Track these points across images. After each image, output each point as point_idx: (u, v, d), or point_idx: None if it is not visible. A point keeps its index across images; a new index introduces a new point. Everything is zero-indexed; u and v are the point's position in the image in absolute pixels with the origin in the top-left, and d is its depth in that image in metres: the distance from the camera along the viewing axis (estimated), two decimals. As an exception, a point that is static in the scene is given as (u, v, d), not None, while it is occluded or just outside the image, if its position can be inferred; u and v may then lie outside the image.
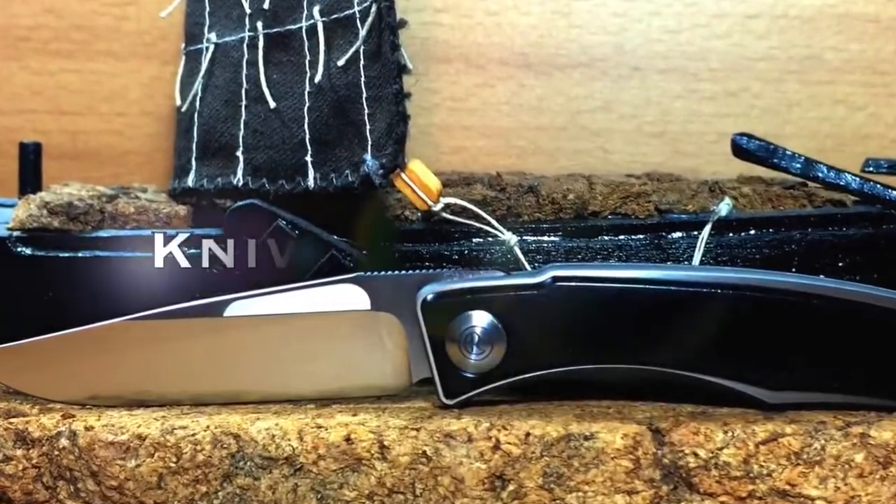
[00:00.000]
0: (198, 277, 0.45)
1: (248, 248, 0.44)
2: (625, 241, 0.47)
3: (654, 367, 0.40)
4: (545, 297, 0.40)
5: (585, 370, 0.41)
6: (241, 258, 0.44)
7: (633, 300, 0.40)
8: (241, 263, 0.43)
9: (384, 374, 0.42)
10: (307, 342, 0.42)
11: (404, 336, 0.42)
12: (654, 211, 0.49)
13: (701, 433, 0.38)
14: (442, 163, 0.58)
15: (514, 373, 0.41)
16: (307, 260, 0.45)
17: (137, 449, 0.39)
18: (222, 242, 0.46)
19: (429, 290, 0.41)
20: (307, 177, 0.47)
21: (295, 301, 0.42)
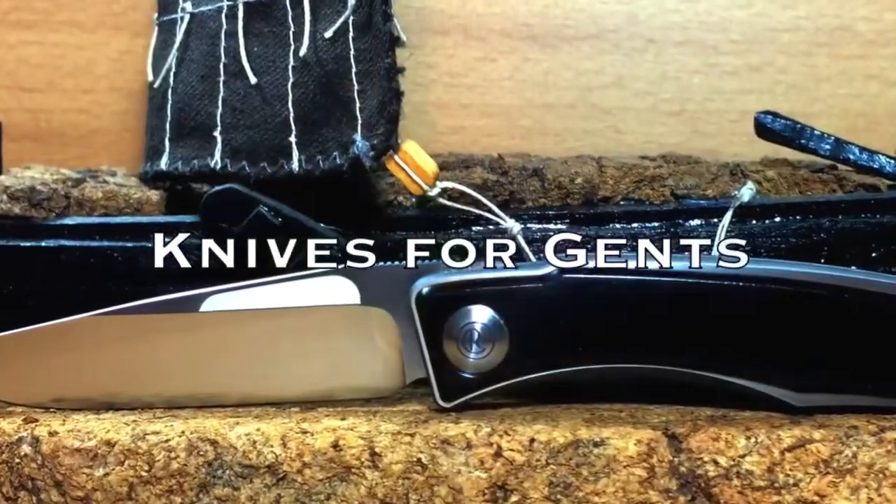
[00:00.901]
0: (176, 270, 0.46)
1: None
2: (638, 229, 0.47)
3: (670, 366, 0.40)
4: (551, 291, 0.40)
5: (595, 370, 0.41)
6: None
7: (647, 294, 0.40)
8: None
9: (375, 375, 0.42)
10: (291, 339, 0.42)
11: (397, 333, 0.42)
12: (670, 196, 0.49)
13: (721, 439, 0.38)
14: (439, 144, 0.58)
15: (517, 373, 0.41)
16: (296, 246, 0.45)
17: (106, 456, 0.39)
18: (201, 232, 0.46)
19: (424, 283, 0.41)
20: (291, 159, 0.47)
21: (278, 295, 0.42)
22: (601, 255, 0.41)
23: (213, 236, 0.46)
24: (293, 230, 0.45)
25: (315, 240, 0.45)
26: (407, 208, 0.49)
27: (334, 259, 0.45)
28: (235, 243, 0.45)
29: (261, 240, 0.45)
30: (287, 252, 0.45)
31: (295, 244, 0.45)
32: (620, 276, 0.40)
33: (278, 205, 0.46)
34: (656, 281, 0.40)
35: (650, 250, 0.40)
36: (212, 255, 0.45)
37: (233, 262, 0.44)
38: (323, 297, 0.42)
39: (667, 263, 0.40)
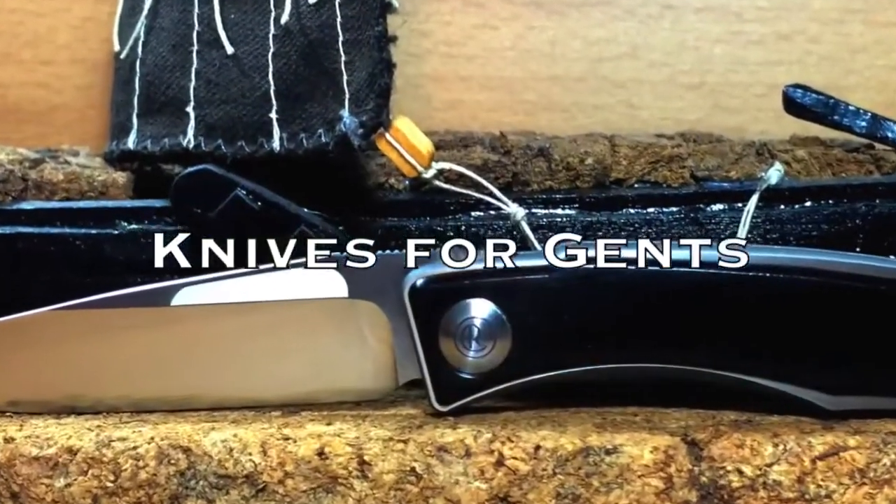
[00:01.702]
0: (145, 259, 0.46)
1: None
2: (654, 214, 0.47)
3: (689, 366, 0.40)
4: (559, 283, 0.40)
5: (607, 370, 0.40)
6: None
7: (665, 286, 0.40)
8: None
9: (364, 375, 0.42)
10: (272, 336, 0.42)
11: (389, 329, 0.42)
12: (689, 178, 0.49)
13: (746, 446, 0.38)
14: (435, 120, 0.58)
15: (521, 373, 0.41)
16: (271, 237, 0.45)
17: (67, 465, 0.39)
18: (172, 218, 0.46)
19: (418, 274, 0.41)
20: (272, 137, 0.47)
21: (257, 287, 0.42)
22: (613, 244, 0.41)
23: (185, 222, 0.46)
24: (274, 216, 0.46)
25: (298, 226, 0.45)
26: (399, 192, 0.49)
27: (320, 248, 0.44)
28: (210, 230, 0.45)
29: (238, 226, 0.45)
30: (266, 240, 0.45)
31: (275, 231, 0.45)
32: (634, 267, 0.40)
33: (258, 188, 0.46)
34: (675, 272, 0.40)
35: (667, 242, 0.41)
36: (183, 243, 0.45)
37: (207, 250, 0.45)
38: (307, 290, 0.42)
39: (686, 253, 0.40)
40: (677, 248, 0.40)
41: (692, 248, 0.40)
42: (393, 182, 0.49)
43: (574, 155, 0.49)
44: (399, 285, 0.41)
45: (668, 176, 0.49)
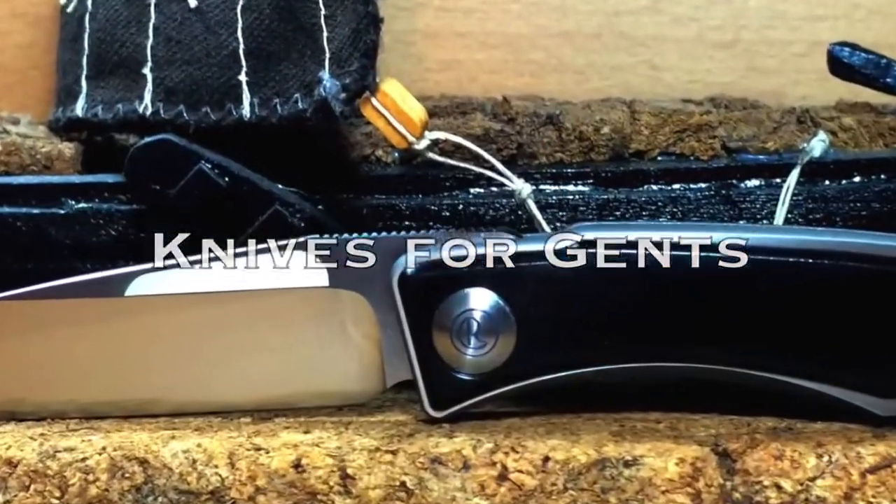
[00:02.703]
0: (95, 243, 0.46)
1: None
2: (680, 191, 0.48)
3: (721, 366, 0.40)
4: (571, 270, 0.40)
5: (627, 370, 0.40)
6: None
7: (692, 274, 0.40)
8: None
9: (347, 376, 0.42)
10: (241, 332, 0.42)
11: (375, 323, 0.42)
12: (720, 150, 0.49)
13: (786, 457, 0.38)
14: (428, 83, 0.58)
15: (527, 373, 0.41)
16: (241, 217, 0.45)
17: (6, 479, 0.39)
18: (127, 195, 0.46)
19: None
20: (241, 103, 0.47)
21: (224, 275, 0.42)
22: (633, 226, 0.41)
23: (141, 200, 0.46)
24: (243, 193, 0.46)
25: (272, 205, 0.45)
26: (388, 165, 0.49)
27: (296, 230, 0.45)
28: (170, 209, 0.45)
29: (202, 205, 0.45)
30: (236, 221, 0.45)
31: (246, 210, 0.45)
32: (658, 252, 0.40)
33: (225, 161, 0.46)
34: (704, 258, 0.40)
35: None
36: (138, 223, 0.45)
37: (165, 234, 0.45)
38: (281, 278, 0.42)
39: (718, 235, 0.40)
40: (707, 229, 0.40)
41: (724, 231, 0.40)
42: (380, 154, 0.49)
43: (588, 123, 0.49)
44: (387, 273, 0.41)
45: (696, 147, 0.49)
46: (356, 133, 0.49)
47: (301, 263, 0.42)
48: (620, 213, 0.47)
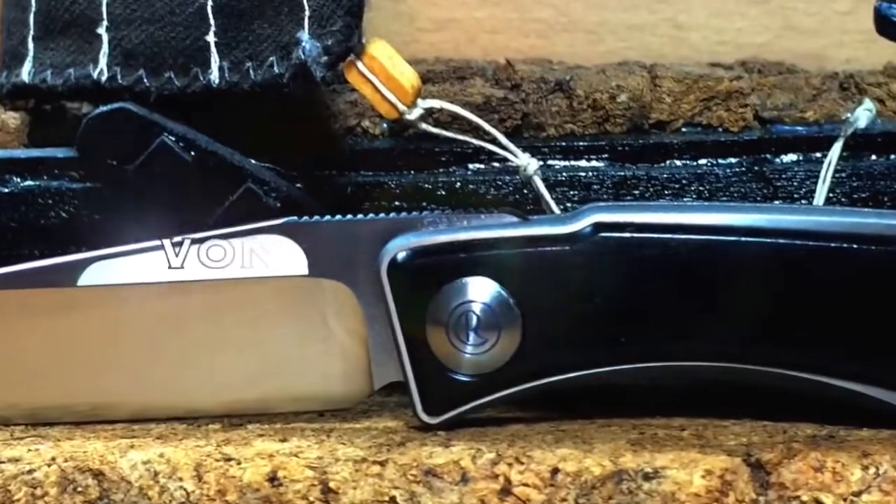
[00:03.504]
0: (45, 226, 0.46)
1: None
2: (707, 167, 0.48)
3: (753, 365, 0.40)
4: (583, 257, 0.40)
5: (645, 371, 0.41)
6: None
7: (721, 261, 0.40)
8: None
9: (329, 377, 0.42)
10: (209, 326, 0.42)
11: (361, 317, 0.42)
12: (753, 121, 0.49)
13: (827, 469, 0.38)
14: (421, 45, 0.58)
15: (533, 374, 0.41)
16: (209, 196, 0.45)
17: (-58, 494, 0.39)
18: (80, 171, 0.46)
19: (400, 245, 0.41)
20: (209, 67, 0.47)
21: (189, 262, 0.42)
22: (654, 207, 0.41)
23: (96, 177, 0.46)
24: (212, 169, 0.46)
25: (244, 183, 0.45)
26: (375, 138, 0.49)
27: (271, 210, 0.45)
28: (128, 187, 0.45)
29: (165, 183, 0.45)
30: (203, 200, 0.45)
31: (214, 189, 0.45)
32: (682, 237, 0.40)
33: (191, 132, 0.46)
34: (733, 243, 0.40)
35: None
36: (92, 203, 0.45)
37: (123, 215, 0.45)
38: (254, 266, 0.42)
39: (748, 217, 0.40)
40: (738, 210, 0.41)
41: (757, 212, 0.40)
42: (367, 125, 0.49)
43: (602, 90, 0.49)
44: (375, 259, 0.41)
45: (725, 117, 0.49)
46: (339, 102, 0.49)
47: (276, 249, 0.42)
48: (639, 193, 0.47)
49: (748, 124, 0.49)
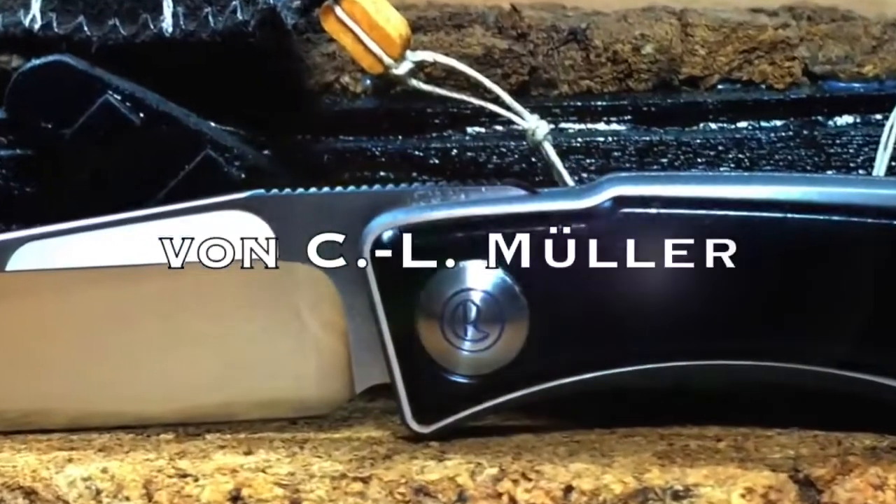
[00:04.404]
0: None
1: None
2: (748, 131, 0.48)
3: (799, 364, 0.40)
4: (601, 236, 0.40)
5: (675, 371, 0.41)
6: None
7: (764, 243, 0.40)
8: None
9: (302, 379, 0.42)
10: (160, 320, 0.42)
11: (340, 307, 0.42)
12: (801, 76, 0.49)
13: (889, 487, 0.38)
14: (411, -13, 0.58)
15: (542, 375, 0.41)
16: (160, 165, 0.46)
17: None
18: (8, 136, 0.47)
19: (386, 223, 0.41)
20: (161, 13, 0.47)
21: (137, 243, 0.42)
22: (685, 178, 0.41)
23: (28, 142, 0.46)
24: (164, 133, 0.46)
25: (202, 150, 0.45)
26: (357, 96, 0.49)
27: (233, 182, 0.45)
28: (65, 155, 0.45)
29: (109, 148, 0.45)
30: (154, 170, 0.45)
31: (167, 156, 0.45)
32: (717, 213, 0.40)
33: (139, 90, 0.46)
34: (780, 219, 0.40)
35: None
36: (23, 173, 0.46)
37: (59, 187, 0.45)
38: (213, 248, 0.42)
39: (796, 190, 0.40)
40: (784, 182, 0.41)
41: (806, 184, 0.40)
42: (347, 82, 0.49)
43: (624, 40, 0.49)
44: (356, 240, 0.41)
45: (769, 72, 0.49)
46: (314, 54, 0.49)
47: (240, 228, 0.42)
48: (668, 161, 0.47)
49: (796, 80, 0.49)
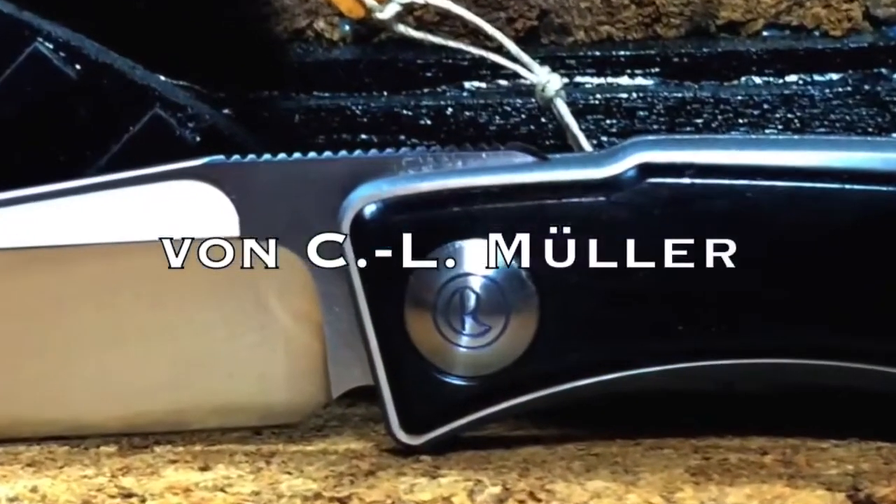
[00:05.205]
0: None
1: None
2: (799, 86, 0.48)
3: (858, 363, 0.40)
4: (624, 211, 0.40)
5: (711, 371, 0.40)
6: None
7: (818, 217, 0.40)
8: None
9: (269, 380, 0.42)
10: (100, 310, 0.42)
11: (313, 295, 0.41)
12: (861, 21, 0.49)
13: None
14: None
15: (553, 376, 0.41)
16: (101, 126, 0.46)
17: None
18: None
19: (369, 196, 0.40)
20: None
21: (76, 219, 0.41)
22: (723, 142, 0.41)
23: None
24: (105, 89, 0.46)
25: (150, 109, 0.45)
26: (334, 45, 0.49)
27: (187, 145, 0.45)
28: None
29: (39, 106, 0.45)
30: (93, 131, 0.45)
31: (108, 116, 0.45)
32: (763, 183, 0.40)
33: (75, 38, 0.46)
34: (836, 191, 0.40)
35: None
36: None
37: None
38: (165, 224, 0.41)
39: (855, 157, 0.40)
40: (839, 146, 0.41)
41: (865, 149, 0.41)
42: (322, 28, 0.49)
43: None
44: (332, 215, 0.40)
45: (824, 16, 0.49)
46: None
47: (195, 201, 0.41)
48: (703, 122, 0.47)
49: (855, 26, 0.49)
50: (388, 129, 0.47)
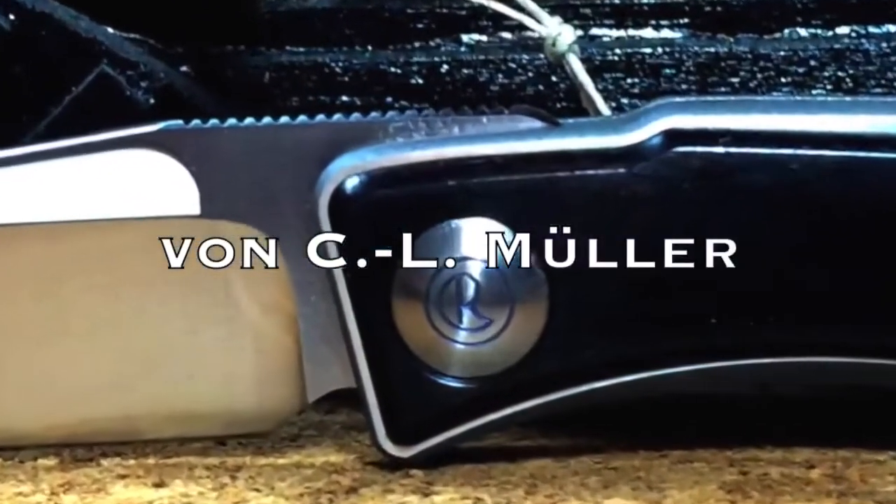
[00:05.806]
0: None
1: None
2: (851, 41, 0.48)
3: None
4: (647, 184, 0.40)
5: (749, 370, 0.40)
6: None
7: (874, 191, 0.39)
8: None
9: (235, 382, 0.42)
10: (41, 300, 0.42)
11: (286, 284, 0.41)
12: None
13: None
14: None
15: (564, 377, 0.40)
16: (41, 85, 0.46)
17: None
18: None
19: (351, 167, 0.40)
20: None
21: (11, 193, 0.41)
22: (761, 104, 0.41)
23: None
24: (45, 41, 0.46)
25: (97, 65, 0.45)
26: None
27: (139, 108, 0.45)
28: None
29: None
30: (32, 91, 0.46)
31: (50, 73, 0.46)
32: (808, 152, 0.39)
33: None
34: (889, 162, 0.39)
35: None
36: None
37: None
38: (116, 200, 0.41)
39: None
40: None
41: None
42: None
43: None
44: (308, 191, 0.40)
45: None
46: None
47: (148, 173, 0.41)
48: (739, 81, 0.47)
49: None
50: (373, 89, 0.47)
